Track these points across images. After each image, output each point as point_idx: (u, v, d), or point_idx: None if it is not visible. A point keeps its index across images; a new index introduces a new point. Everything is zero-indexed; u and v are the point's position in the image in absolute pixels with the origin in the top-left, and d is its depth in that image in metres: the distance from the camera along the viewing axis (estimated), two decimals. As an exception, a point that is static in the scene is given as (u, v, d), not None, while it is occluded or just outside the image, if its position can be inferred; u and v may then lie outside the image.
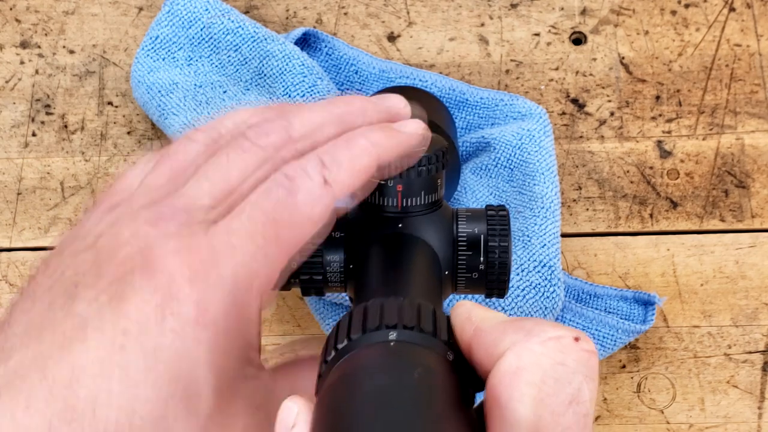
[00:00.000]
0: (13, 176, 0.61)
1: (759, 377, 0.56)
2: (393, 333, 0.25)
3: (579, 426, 0.22)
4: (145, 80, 0.59)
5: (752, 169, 0.60)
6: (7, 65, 0.63)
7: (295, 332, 0.58)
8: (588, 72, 0.63)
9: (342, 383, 0.24)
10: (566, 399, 0.22)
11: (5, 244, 0.60)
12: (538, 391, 0.22)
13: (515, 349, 0.23)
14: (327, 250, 0.34)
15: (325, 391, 0.24)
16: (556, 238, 0.53)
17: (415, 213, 0.33)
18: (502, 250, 0.34)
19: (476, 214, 0.34)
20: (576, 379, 0.22)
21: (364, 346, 0.25)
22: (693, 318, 0.57)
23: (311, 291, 0.35)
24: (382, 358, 0.24)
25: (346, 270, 0.34)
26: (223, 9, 0.59)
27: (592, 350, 0.23)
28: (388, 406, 0.22)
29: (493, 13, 0.64)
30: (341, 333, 0.26)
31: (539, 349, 0.23)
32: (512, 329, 0.24)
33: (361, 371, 0.24)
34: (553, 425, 0.22)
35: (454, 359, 0.25)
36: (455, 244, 0.34)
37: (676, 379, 0.56)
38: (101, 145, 0.61)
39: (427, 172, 0.33)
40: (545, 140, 0.56)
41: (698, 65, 0.62)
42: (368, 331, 0.25)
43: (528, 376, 0.22)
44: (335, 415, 0.23)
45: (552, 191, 0.55)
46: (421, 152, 0.32)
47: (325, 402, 0.24)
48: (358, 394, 0.23)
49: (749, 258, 0.59)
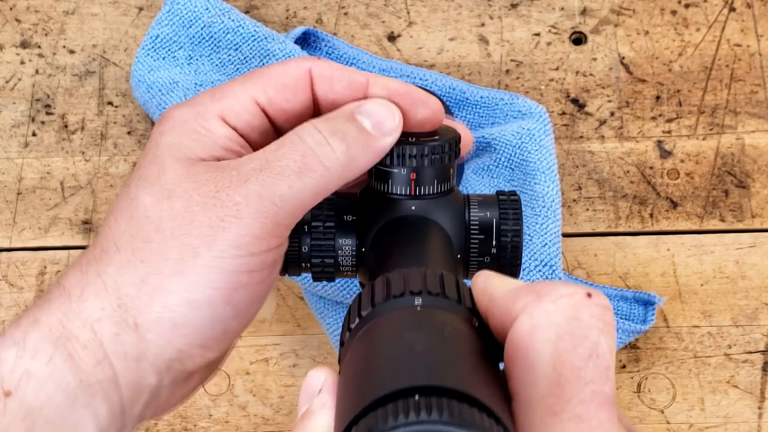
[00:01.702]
0: (13, 176, 0.61)
1: (759, 377, 0.56)
2: (418, 299, 0.25)
3: (602, 379, 0.22)
4: (146, 79, 0.59)
5: (752, 169, 0.60)
6: (7, 65, 0.63)
7: (295, 332, 0.58)
8: (588, 72, 0.63)
9: (370, 342, 0.24)
10: (585, 353, 0.22)
11: (5, 244, 0.60)
12: (555, 348, 0.22)
13: (528, 310, 0.23)
14: (339, 233, 0.34)
15: (352, 351, 0.24)
16: (557, 237, 0.53)
17: (428, 196, 0.33)
18: (514, 234, 0.34)
19: (488, 199, 0.35)
20: (592, 333, 0.22)
21: (390, 311, 0.25)
22: (693, 318, 0.57)
23: (322, 276, 0.35)
24: (410, 318, 0.24)
25: (357, 254, 0.34)
26: (224, 8, 0.59)
27: (606, 305, 0.23)
28: (421, 356, 0.22)
29: (494, 13, 0.64)
30: (364, 301, 0.26)
31: (552, 307, 0.23)
32: (524, 292, 0.24)
33: (389, 330, 0.24)
34: (575, 380, 0.22)
35: (479, 326, 0.25)
36: (467, 229, 0.34)
37: (676, 379, 0.56)
38: (101, 145, 0.61)
39: (440, 161, 0.33)
40: (545, 139, 0.56)
41: (698, 65, 0.63)
42: (393, 297, 0.25)
43: (543, 334, 0.22)
44: (366, 368, 0.22)
45: (553, 190, 0.55)
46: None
47: (352, 362, 0.23)
48: (388, 349, 0.23)
49: (749, 258, 0.59)
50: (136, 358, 0.29)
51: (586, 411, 0.21)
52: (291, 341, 0.58)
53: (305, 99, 0.32)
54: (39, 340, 0.28)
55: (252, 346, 0.58)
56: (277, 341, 0.58)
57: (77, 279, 0.30)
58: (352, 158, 0.30)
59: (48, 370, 0.28)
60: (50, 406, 0.27)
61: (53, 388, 0.28)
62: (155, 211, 0.29)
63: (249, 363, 0.58)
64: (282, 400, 0.57)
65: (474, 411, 0.20)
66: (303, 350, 0.58)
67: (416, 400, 0.20)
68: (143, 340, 0.29)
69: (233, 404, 0.57)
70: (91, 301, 0.29)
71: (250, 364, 0.58)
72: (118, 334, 0.29)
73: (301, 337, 0.58)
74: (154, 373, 0.30)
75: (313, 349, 0.58)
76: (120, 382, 0.29)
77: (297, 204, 0.30)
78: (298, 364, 0.58)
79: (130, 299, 0.29)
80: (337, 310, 0.56)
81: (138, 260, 0.29)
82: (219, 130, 0.31)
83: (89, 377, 0.28)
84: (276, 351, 0.58)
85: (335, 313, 0.56)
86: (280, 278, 0.58)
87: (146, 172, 0.31)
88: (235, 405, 0.57)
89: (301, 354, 0.58)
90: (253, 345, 0.58)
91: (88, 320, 0.29)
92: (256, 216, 0.29)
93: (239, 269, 0.29)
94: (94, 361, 0.29)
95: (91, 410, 0.28)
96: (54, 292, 0.30)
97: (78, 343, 0.29)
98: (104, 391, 0.29)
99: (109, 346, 0.29)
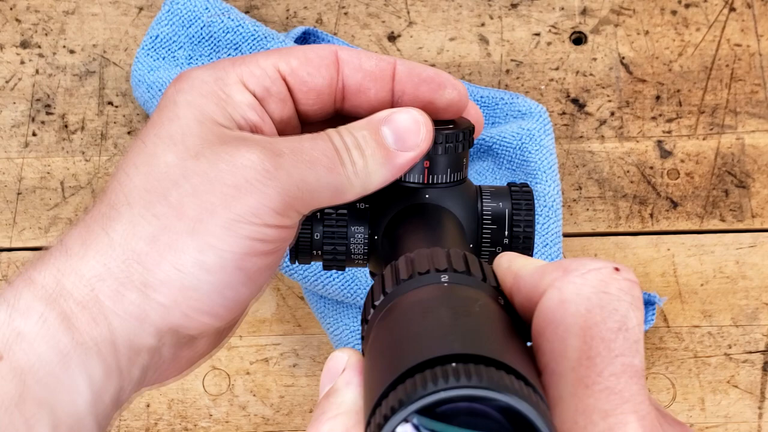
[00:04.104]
0: (13, 176, 0.61)
1: (759, 377, 0.56)
2: (444, 275, 0.25)
3: (632, 352, 0.22)
4: (146, 79, 0.59)
5: (752, 169, 0.60)
6: (7, 65, 0.63)
7: (295, 332, 0.58)
8: (588, 72, 0.63)
9: (398, 317, 0.23)
10: (614, 326, 0.22)
11: (5, 244, 0.60)
12: (584, 320, 0.22)
13: (557, 285, 0.23)
14: (352, 220, 0.34)
15: (377, 328, 0.24)
16: (558, 236, 0.54)
17: (441, 185, 0.33)
18: (527, 224, 0.34)
19: (500, 190, 0.35)
20: (621, 306, 0.22)
21: (416, 288, 0.24)
22: (693, 318, 0.57)
23: (333, 264, 0.35)
24: (439, 293, 0.24)
25: (370, 241, 0.34)
26: (223, 8, 0.59)
27: (633, 280, 0.23)
28: (453, 327, 0.22)
29: (494, 13, 0.64)
30: (388, 279, 0.25)
31: (580, 281, 0.22)
32: (552, 269, 0.23)
33: (418, 305, 0.23)
34: (605, 352, 0.21)
35: (504, 304, 0.25)
36: (480, 219, 0.34)
37: (676, 379, 0.56)
38: (101, 145, 0.61)
39: (454, 150, 0.33)
40: (545, 139, 0.56)
41: (698, 65, 0.63)
42: (418, 274, 0.25)
43: (572, 307, 0.22)
44: (396, 342, 0.22)
45: (554, 189, 0.55)
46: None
47: (379, 338, 0.23)
48: (417, 322, 0.23)
49: (749, 258, 0.59)
50: (138, 318, 0.28)
51: (617, 383, 0.21)
52: (291, 341, 0.58)
53: (329, 77, 0.32)
54: (31, 300, 0.28)
55: (252, 346, 0.58)
56: (277, 341, 0.58)
57: (79, 235, 0.29)
58: (370, 173, 0.31)
59: (39, 329, 0.27)
60: (41, 365, 0.27)
61: (45, 347, 0.27)
62: (179, 168, 0.29)
63: (249, 363, 0.58)
64: (282, 400, 0.57)
65: (512, 378, 0.20)
66: (303, 350, 0.58)
67: (453, 367, 0.20)
68: (148, 300, 0.28)
69: (233, 404, 0.57)
70: (92, 257, 0.28)
71: (250, 364, 0.58)
72: (121, 293, 0.28)
73: (301, 337, 0.58)
74: (154, 335, 0.29)
75: (313, 349, 0.58)
76: (117, 342, 0.28)
77: (315, 197, 0.30)
78: (298, 364, 0.58)
79: (139, 256, 0.28)
80: (337, 310, 0.56)
81: (151, 215, 0.28)
82: (239, 97, 0.31)
83: (83, 335, 0.28)
84: (276, 351, 0.58)
85: (335, 313, 0.56)
86: (280, 278, 0.58)
87: (166, 130, 0.30)
88: (235, 405, 0.57)
89: (301, 354, 0.58)
90: (253, 345, 0.58)
91: (86, 276, 0.28)
92: (279, 190, 0.29)
93: (254, 236, 0.29)
94: (89, 318, 0.28)
95: (84, 370, 0.28)
96: (53, 250, 0.29)
97: (72, 300, 0.28)
98: (99, 351, 0.28)
99: (109, 304, 0.28)
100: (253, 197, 0.28)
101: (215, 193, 0.28)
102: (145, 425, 0.57)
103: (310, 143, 0.30)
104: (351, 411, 0.23)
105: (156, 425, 0.57)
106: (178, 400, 0.57)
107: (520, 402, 0.19)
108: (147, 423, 0.57)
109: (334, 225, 0.34)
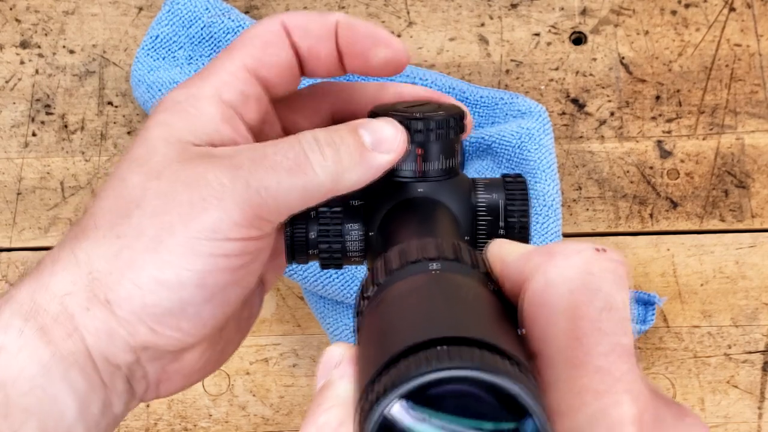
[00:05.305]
0: (13, 176, 0.61)
1: (759, 377, 0.56)
2: (434, 263, 0.25)
3: (619, 330, 0.22)
4: (146, 79, 0.59)
5: (752, 169, 0.60)
6: (7, 65, 0.63)
7: (295, 332, 0.58)
8: (588, 72, 0.63)
9: (388, 305, 0.23)
10: (600, 305, 0.22)
11: (5, 244, 0.60)
12: (570, 302, 0.22)
13: (542, 269, 0.23)
14: (346, 218, 0.34)
15: (369, 318, 0.24)
16: (557, 236, 0.54)
17: (434, 178, 0.34)
18: (521, 214, 0.34)
19: (494, 182, 0.35)
20: (606, 285, 0.22)
21: (406, 277, 0.24)
22: (693, 318, 0.57)
23: (330, 263, 0.35)
24: (428, 280, 0.24)
25: (365, 238, 0.34)
26: (224, 8, 0.59)
27: (618, 259, 0.23)
28: (442, 311, 0.22)
29: (493, 13, 0.64)
30: (379, 270, 0.26)
31: (564, 264, 0.23)
32: (537, 253, 0.24)
33: (407, 293, 0.24)
34: (593, 332, 0.22)
35: (495, 290, 0.25)
36: (474, 211, 0.34)
37: (676, 379, 0.56)
38: (101, 145, 0.61)
39: (446, 135, 0.33)
40: (545, 138, 0.56)
41: (698, 65, 0.63)
42: (408, 264, 0.25)
43: (558, 290, 0.22)
44: (385, 329, 0.22)
45: (553, 189, 0.55)
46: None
47: (369, 327, 0.23)
48: (407, 308, 0.23)
49: (749, 258, 0.59)
50: (107, 333, 0.29)
51: (607, 362, 0.21)
52: (291, 341, 0.58)
53: (289, 53, 0.33)
54: (9, 315, 0.28)
55: (252, 346, 0.58)
56: (277, 341, 0.58)
57: (51, 255, 0.30)
58: (344, 170, 0.31)
59: (19, 342, 0.28)
60: (24, 377, 0.28)
61: (26, 359, 0.28)
62: (141, 189, 0.29)
63: (249, 363, 0.58)
64: (282, 400, 0.57)
65: (499, 358, 0.20)
66: (303, 350, 0.58)
67: (440, 350, 0.20)
68: (114, 316, 0.29)
69: (233, 404, 0.57)
70: (60, 275, 0.29)
71: (250, 364, 0.58)
72: (89, 309, 0.29)
73: (301, 337, 0.58)
74: (127, 350, 0.29)
75: (313, 349, 0.58)
76: (93, 355, 0.29)
77: (282, 201, 0.30)
78: (298, 364, 0.58)
79: (102, 274, 0.29)
80: (337, 310, 0.56)
81: (114, 235, 0.29)
82: (210, 110, 0.31)
83: (62, 349, 0.28)
84: (276, 351, 0.58)
85: (335, 313, 0.56)
86: (280, 278, 0.58)
87: (136, 154, 0.31)
88: (235, 405, 0.57)
89: (301, 354, 0.58)
90: (253, 345, 0.58)
91: (57, 294, 0.29)
92: (238, 202, 0.29)
93: (215, 252, 0.29)
94: (65, 334, 0.28)
95: (67, 382, 0.28)
96: (31, 270, 0.30)
97: (48, 316, 0.29)
98: (78, 363, 0.29)
99: (80, 320, 0.29)
100: (209, 214, 0.29)
101: (172, 213, 0.29)
102: (144, 425, 0.57)
103: (272, 148, 0.30)
104: (346, 402, 0.23)
105: (156, 425, 0.57)
106: (178, 400, 0.57)
107: (509, 381, 0.19)
108: (147, 423, 0.57)
109: (329, 223, 0.34)
